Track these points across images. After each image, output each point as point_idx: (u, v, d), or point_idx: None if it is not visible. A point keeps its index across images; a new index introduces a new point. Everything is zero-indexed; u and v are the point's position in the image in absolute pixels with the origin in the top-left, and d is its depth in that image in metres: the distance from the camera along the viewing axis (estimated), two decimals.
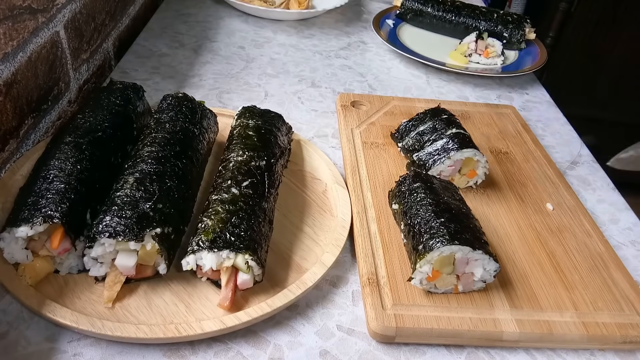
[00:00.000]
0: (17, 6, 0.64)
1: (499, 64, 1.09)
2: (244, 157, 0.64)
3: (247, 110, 0.73)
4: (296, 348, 0.54)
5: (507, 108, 0.94)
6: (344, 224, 0.65)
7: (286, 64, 1.04)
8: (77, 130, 0.63)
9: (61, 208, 0.53)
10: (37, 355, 0.50)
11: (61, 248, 0.53)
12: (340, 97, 0.90)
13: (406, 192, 0.64)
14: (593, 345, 0.57)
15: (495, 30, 1.14)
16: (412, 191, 0.63)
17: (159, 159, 0.60)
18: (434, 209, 0.59)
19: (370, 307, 0.55)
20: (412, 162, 0.73)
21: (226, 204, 0.57)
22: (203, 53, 1.04)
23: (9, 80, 0.64)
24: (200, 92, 0.92)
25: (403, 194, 0.64)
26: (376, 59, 1.11)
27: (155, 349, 0.52)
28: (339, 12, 1.29)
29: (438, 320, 0.55)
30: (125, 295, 0.54)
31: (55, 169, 0.57)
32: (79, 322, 0.50)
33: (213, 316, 0.53)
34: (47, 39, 0.73)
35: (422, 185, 0.63)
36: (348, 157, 0.76)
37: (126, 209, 0.53)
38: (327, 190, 0.71)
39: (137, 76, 0.93)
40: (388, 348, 0.55)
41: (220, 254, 0.53)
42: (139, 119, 0.71)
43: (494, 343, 0.56)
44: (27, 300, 0.52)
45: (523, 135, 0.87)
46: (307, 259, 0.61)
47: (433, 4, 1.19)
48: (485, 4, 1.35)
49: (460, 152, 0.70)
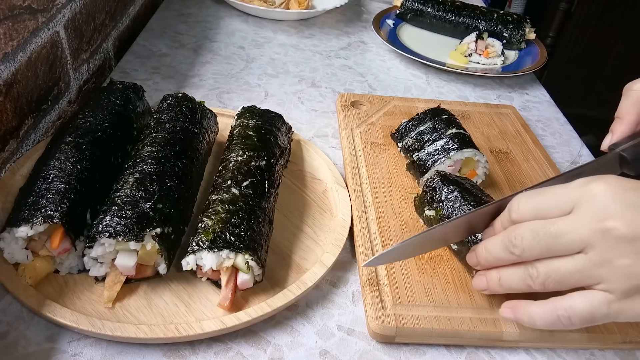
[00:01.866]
0: (17, 6, 0.64)
1: (499, 64, 1.09)
2: (244, 157, 0.64)
3: (247, 110, 0.73)
4: (296, 348, 0.54)
5: (507, 108, 0.94)
6: (344, 224, 0.65)
7: (286, 64, 1.04)
8: (77, 130, 0.63)
9: (61, 208, 0.53)
10: (37, 355, 0.50)
11: (61, 248, 0.53)
12: (340, 97, 0.90)
13: (439, 197, 0.63)
14: (593, 345, 0.56)
15: (495, 30, 1.14)
16: (447, 195, 0.62)
17: (159, 159, 0.60)
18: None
19: (370, 307, 0.55)
20: (412, 162, 0.73)
21: (226, 204, 0.57)
22: (203, 53, 1.04)
23: (9, 80, 0.64)
24: (200, 92, 0.92)
25: (434, 200, 0.63)
26: (376, 59, 1.11)
27: (155, 349, 0.52)
28: (339, 12, 1.29)
29: (438, 320, 0.55)
30: (125, 295, 0.54)
31: (55, 169, 0.57)
32: (79, 322, 0.50)
33: (213, 316, 0.53)
34: (47, 39, 0.73)
35: (456, 188, 0.62)
36: (348, 157, 0.76)
37: (126, 209, 0.53)
38: (327, 190, 0.71)
39: (137, 76, 0.93)
40: (388, 348, 0.55)
41: (220, 254, 0.53)
42: (139, 119, 0.71)
43: (494, 343, 0.56)
44: (27, 300, 0.52)
45: (523, 135, 0.87)
46: (307, 259, 0.61)
47: (433, 4, 1.19)
48: (485, 4, 1.35)
49: (460, 152, 0.70)
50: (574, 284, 0.46)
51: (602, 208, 0.43)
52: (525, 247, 0.47)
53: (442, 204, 0.62)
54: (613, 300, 0.44)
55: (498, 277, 0.52)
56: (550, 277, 0.46)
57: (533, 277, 0.47)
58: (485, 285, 0.53)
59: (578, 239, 0.44)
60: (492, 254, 0.51)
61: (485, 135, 0.86)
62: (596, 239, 0.43)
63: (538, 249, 0.47)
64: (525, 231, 0.48)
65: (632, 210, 0.42)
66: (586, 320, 0.46)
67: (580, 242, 0.44)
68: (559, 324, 0.47)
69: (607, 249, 0.43)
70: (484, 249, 0.52)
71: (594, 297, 0.45)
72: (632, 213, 0.42)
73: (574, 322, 0.46)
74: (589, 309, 0.45)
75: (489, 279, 0.53)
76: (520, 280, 0.49)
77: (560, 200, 0.46)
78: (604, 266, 0.44)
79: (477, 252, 0.54)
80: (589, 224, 0.44)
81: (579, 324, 0.47)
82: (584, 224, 0.44)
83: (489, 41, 1.10)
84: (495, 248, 0.51)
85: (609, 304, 0.44)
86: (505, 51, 1.11)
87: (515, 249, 0.48)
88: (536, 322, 0.49)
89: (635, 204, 0.43)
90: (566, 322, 0.47)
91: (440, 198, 0.63)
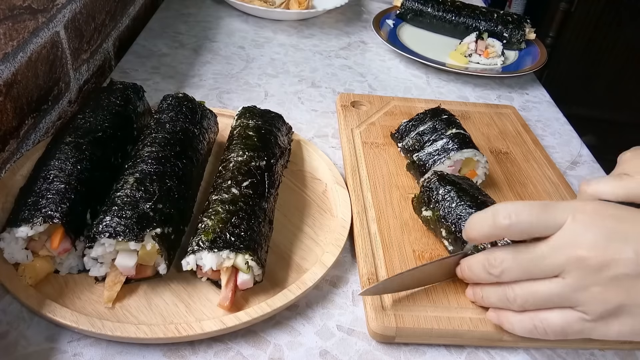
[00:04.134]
0: (17, 6, 0.64)
1: (499, 64, 1.09)
2: (244, 157, 0.64)
3: (247, 110, 0.73)
4: (296, 348, 0.54)
5: (507, 108, 0.94)
6: (344, 224, 0.65)
7: (286, 64, 1.04)
8: (77, 131, 0.63)
9: (61, 208, 0.53)
10: (37, 355, 0.50)
11: (61, 248, 0.53)
12: (340, 97, 0.90)
13: (436, 197, 0.63)
14: (593, 345, 0.56)
15: (495, 30, 1.14)
16: (444, 196, 0.62)
17: (159, 159, 0.60)
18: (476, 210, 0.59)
19: (370, 307, 0.55)
20: (412, 162, 0.73)
21: (226, 204, 0.57)
22: (203, 53, 1.04)
23: (9, 81, 0.64)
24: (200, 92, 0.92)
25: (431, 200, 0.63)
26: (376, 59, 1.11)
27: (155, 349, 0.52)
28: (339, 12, 1.29)
29: (438, 320, 0.55)
30: (125, 295, 0.54)
31: (55, 169, 0.57)
32: (79, 322, 0.50)
33: (213, 316, 0.53)
34: (47, 39, 0.73)
35: (452, 189, 0.62)
36: (348, 157, 0.76)
37: (126, 209, 0.53)
38: (327, 190, 0.71)
39: (137, 76, 0.93)
40: (388, 348, 0.55)
41: (220, 254, 0.53)
42: (139, 119, 0.71)
43: (494, 343, 0.56)
44: (27, 300, 0.52)
45: (523, 135, 0.87)
46: (307, 259, 0.61)
47: (433, 4, 1.19)
48: (485, 4, 1.35)
49: (460, 152, 0.70)
50: (551, 307, 0.48)
51: (579, 234, 0.45)
52: (504, 269, 0.49)
53: (439, 205, 0.62)
54: (588, 320, 0.46)
55: (481, 295, 0.54)
56: (528, 301, 0.48)
57: (510, 299, 0.49)
58: (473, 298, 0.56)
59: (555, 264, 0.46)
60: (473, 272, 0.53)
61: (485, 135, 0.86)
62: (571, 265, 0.45)
63: (517, 272, 0.48)
64: (506, 254, 0.49)
65: (606, 240, 0.44)
66: (559, 334, 0.48)
67: (557, 268, 0.46)
68: (535, 333, 0.49)
69: (581, 277, 0.45)
70: (467, 266, 0.54)
71: (569, 315, 0.47)
72: (606, 242, 0.44)
73: (548, 334, 0.48)
74: (563, 325, 0.47)
75: (474, 293, 0.55)
76: (498, 300, 0.51)
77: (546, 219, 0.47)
78: (580, 291, 0.45)
79: (461, 268, 0.55)
80: (565, 250, 0.45)
81: (552, 336, 0.48)
82: (561, 248, 0.46)
83: (489, 41, 1.10)
84: (476, 267, 0.52)
85: (583, 323, 0.46)
86: (505, 51, 1.11)
87: (494, 269, 0.50)
88: (515, 329, 0.51)
89: (610, 233, 0.44)
90: (541, 332, 0.49)
91: (437, 199, 0.63)
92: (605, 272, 0.44)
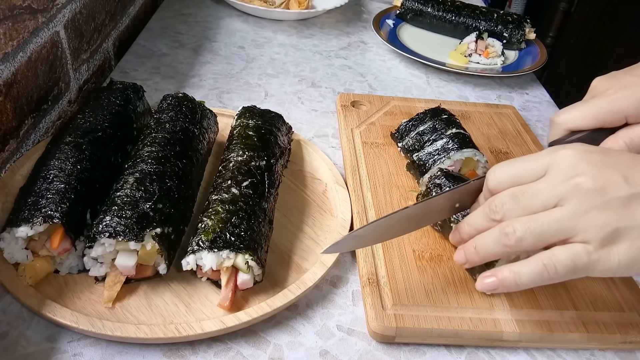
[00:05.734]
0: (17, 6, 0.64)
1: (499, 64, 1.09)
2: (244, 157, 0.64)
3: (247, 110, 0.73)
4: (296, 348, 0.54)
5: (507, 108, 0.94)
6: (344, 224, 0.65)
7: (286, 64, 1.04)
8: (77, 130, 0.63)
9: (61, 208, 0.53)
10: (37, 355, 0.50)
11: (61, 248, 0.53)
12: (340, 97, 0.90)
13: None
14: (593, 345, 0.57)
15: (495, 30, 1.14)
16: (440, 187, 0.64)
17: (159, 159, 0.60)
18: None
19: (370, 307, 0.55)
20: (412, 162, 0.73)
21: (226, 204, 0.57)
22: (203, 53, 1.04)
23: (9, 80, 0.64)
24: (200, 92, 0.92)
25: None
26: (376, 59, 1.11)
27: (155, 349, 0.52)
28: (339, 12, 1.29)
29: (438, 320, 0.55)
30: (125, 295, 0.54)
31: (55, 169, 0.57)
32: (79, 322, 0.50)
33: (213, 316, 0.53)
34: (47, 39, 0.73)
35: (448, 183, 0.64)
36: (348, 157, 0.76)
37: (126, 209, 0.53)
38: (327, 190, 0.71)
39: (137, 76, 0.93)
40: (388, 348, 0.55)
41: (220, 254, 0.53)
42: (139, 119, 0.71)
43: (494, 343, 0.56)
44: (27, 300, 0.52)
45: (523, 135, 0.87)
46: (307, 259, 0.61)
47: (433, 4, 1.19)
48: (485, 4, 1.35)
49: (460, 152, 0.70)
50: (551, 237, 0.47)
51: (572, 166, 0.47)
52: (505, 212, 0.49)
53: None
54: (592, 250, 0.46)
55: (474, 245, 0.52)
56: (527, 230, 0.48)
57: (509, 234, 0.48)
58: (464, 257, 0.53)
59: (553, 195, 0.47)
60: (473, 225, 0.53)
61: (485, 135, 0.86)
62: (569, 193, 0.47)
63: (518, 210, 0.49)
64: (505, 197, 0.50)
65: (597, 167, 0.47)
66: (569, 269, 0.47)
67: (555, 197, 0.47)
68: (545, 274, 0.48)
69: (580, 202, 0.46)
70: (466, 223, 0.54)
71: (574, 248, 0.47)
72: (597, 169, 0.47)
73: (559, 271, 0.47)
74: (572, 257, 0.47)
75: (466, 249, 0.53)
76: (494, 241, 0.50)
77: (533, 165, 0.49)
78: (579, 217, 0.46)
79: (459, 228, 0.55)
80: (562, 180, 0.47)
81: (563, 273, 0.47)
82: (557, 182, 0.48)
83: (489, 41, 1.10)
84: (477, 219, 0.52)
85: (589, 254, 0.46)
86: (505, 51, 1.11)
87: (496, 215, 0.50)
88: (522, 277, 0.49)
89: (599, 162, 0.48)
90: (552, 270, 0.48)
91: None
92: (602, 196, 0.46)
